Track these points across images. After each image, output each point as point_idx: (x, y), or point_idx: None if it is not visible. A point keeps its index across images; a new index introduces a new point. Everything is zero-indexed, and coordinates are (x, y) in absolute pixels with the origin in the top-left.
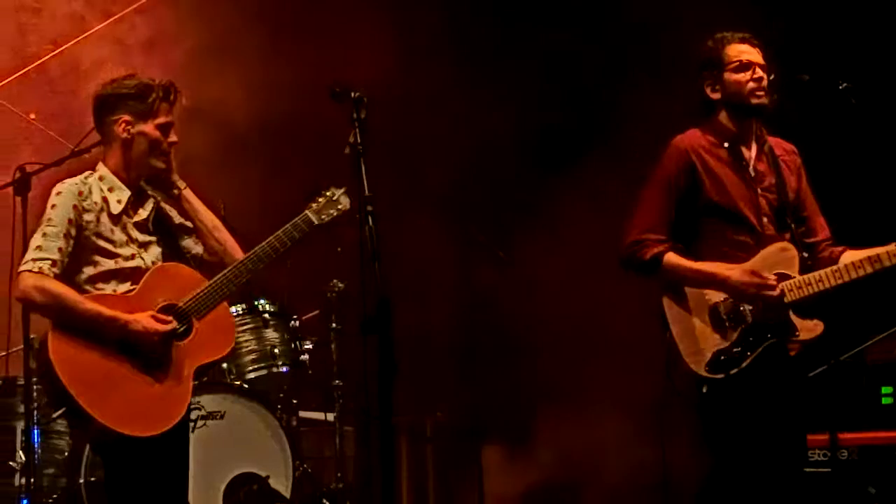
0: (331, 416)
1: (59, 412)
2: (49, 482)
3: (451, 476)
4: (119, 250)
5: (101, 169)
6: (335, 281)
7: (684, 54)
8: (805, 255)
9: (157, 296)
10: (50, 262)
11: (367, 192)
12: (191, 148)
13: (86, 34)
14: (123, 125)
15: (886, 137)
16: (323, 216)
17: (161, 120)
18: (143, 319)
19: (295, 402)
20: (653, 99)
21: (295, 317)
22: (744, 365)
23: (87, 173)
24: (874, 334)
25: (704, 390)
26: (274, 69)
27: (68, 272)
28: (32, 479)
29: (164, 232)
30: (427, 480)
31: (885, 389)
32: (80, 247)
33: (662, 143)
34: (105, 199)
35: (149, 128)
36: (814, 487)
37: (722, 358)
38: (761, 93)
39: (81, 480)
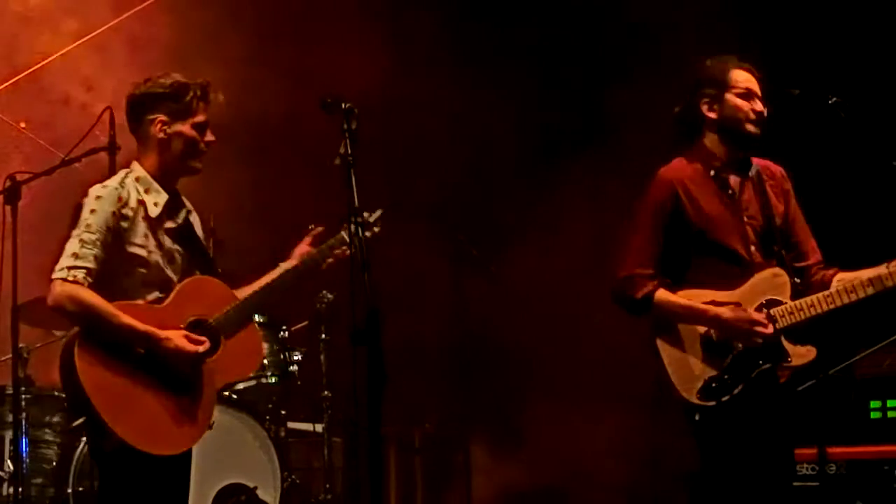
0: (319, 427)
1: (79, 421)
2: (37, 492)
3: (439, 487)
4: (151, 257)
5: (137, 169)
6: (324, 292)
7: (683, 55)
8: (797, 280)
9: (188, 309)
10: (85, 270)
11: (356, 203)
12: None
13: (77, 43)
14: (160, 125)
15: (876, 152)
16: (364, 233)
17: (198, 119)
18: (177, 338)
19: (283, 412)
20: (649, 98)
21: (284, 327)
22: (735, 392)
23: (123, 173)
24: (863, 349)
25: (697, 418)
26: (266, 75)
27: (103, 278)
28: (20, 489)
29: (192, 242)
30: (415, 491)
31: (874, 404)
32: (116, 253)
33: (661, 141)
34: (142, 203)
35: (185, 128)
36: (802, 501)
37: (713, 385)
38: (760, 119)
39: (70, 490)
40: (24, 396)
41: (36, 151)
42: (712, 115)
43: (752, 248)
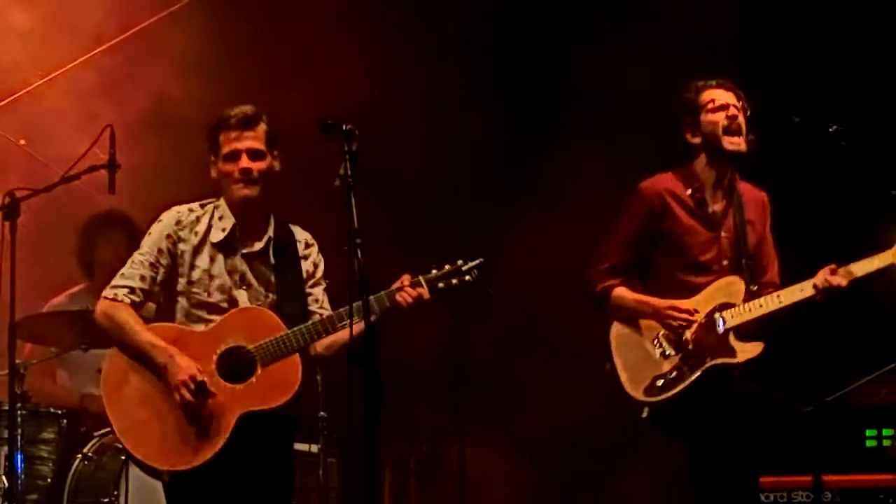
0: (315, 448)
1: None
2: None
3: None
4: (216, 280)
5: (221, 200)
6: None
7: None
8: (753, 287)
9: (230, 335)
10: (128, 289)
11: (356, 224)
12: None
13: (77, 60)
14: (211, 166)
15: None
16: (440, 283)
17: (225, 151)
18: (182, 371)
19: None
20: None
21: None
22: (682, 387)
23: (207, 200)
24: (859, 378)
25: (645, 415)
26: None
27: (167, 301)
28: None
29: (273, 267)
30: None
31: (870, 432)
32: (176, 275)
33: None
34: (210, 228)
35: (220, 164)
36: None
37: (659, 382)
38: (737, 137)
39: None
40: (20, 412)
41: (35, 168)
42: (696, 140)
43: (725, 262)
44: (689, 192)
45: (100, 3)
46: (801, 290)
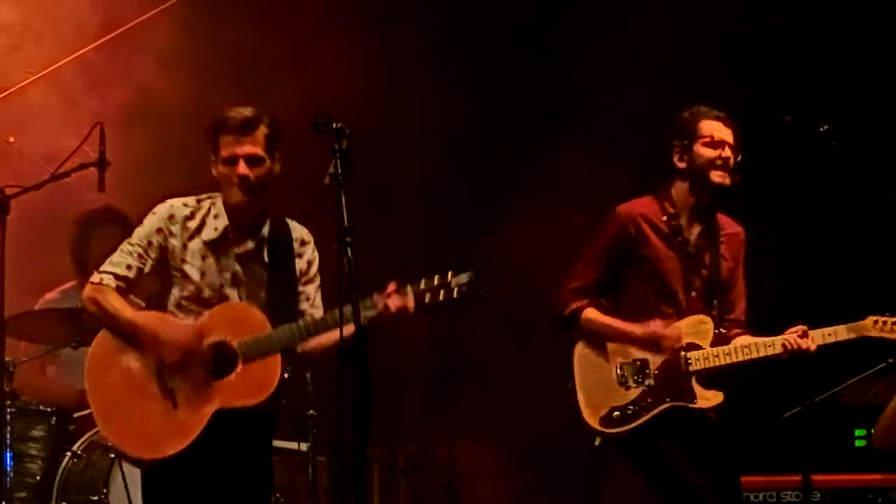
0: (304, 446)
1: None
2: None
3: None
4: (206, 278)
5: (218, 197)
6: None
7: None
8: (722, 330)
9: (215, 331)
10: (113, 275)
11: (346, 222)
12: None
13: (68, 58)
14: (211, 164)
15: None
16: (426, 295)
17: (223, 154)
18: (179, 333)
19: None
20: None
21: None
22: (634, 425)
23: (206, 195)
24: (848, 377)
25: (597, 444)
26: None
27: (160, 290)
28: (3, 503)
29: (266, 267)
30: None
31: (859, 432)
32: (167, 268)
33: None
34: (205, 224)
35: (218, 165)
36: None
37: (615, 415)
38: (724, 172)
39: None
40: (9, 410)
41: (24, 165)
42: (682, 164)
43: (693, 294)
44: (665, 218)
45: (92, 2)
46: (769, 347)
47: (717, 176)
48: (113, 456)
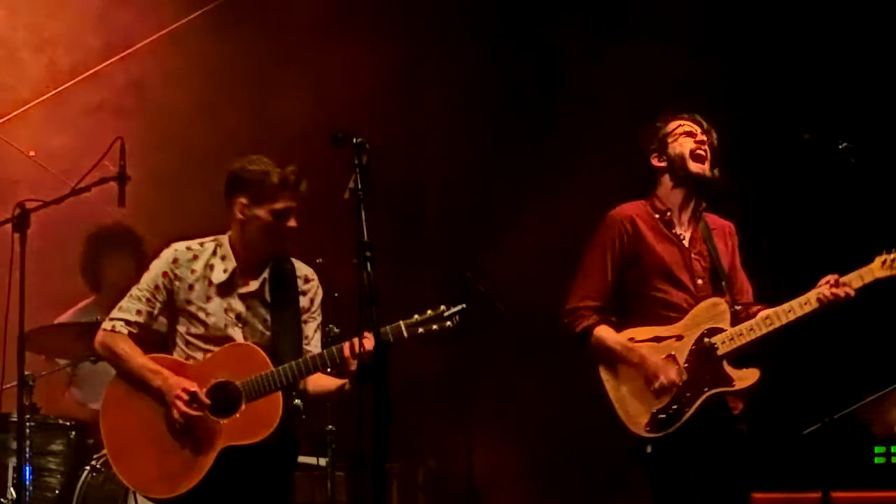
0: (323, 461)
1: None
2: None
3: None
4: (211, 318)
5: (224, 238)
6: (331, 326)
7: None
8: (737, 308)
9: (219, 371)
10: (123, 322)
11: (366, 237)
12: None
13: (89, 72)
14: (240, 206)
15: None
16: (420, 329)
17: (277, 206)
18: (182, 381)
19: None
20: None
21: None
22: (683, 420)
23: (210, 238)
24: (867, 394)
25: (649, 451)
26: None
27: (170, 328)
28: None
29: (267, 307)
30: None
31: (878, 449)
32: (175, 308)
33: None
34: (210, 267)
35: (263, 212)
36: None
37: (661, 417)
38: (702, 164)
39: None
40: (28, 424)
41: (45, 180)
42: (662, 163)
43: (700, 281)
44: (658, 216)
45: (108, 18)
46: (805, 305)
47: (695, 167)
48: None
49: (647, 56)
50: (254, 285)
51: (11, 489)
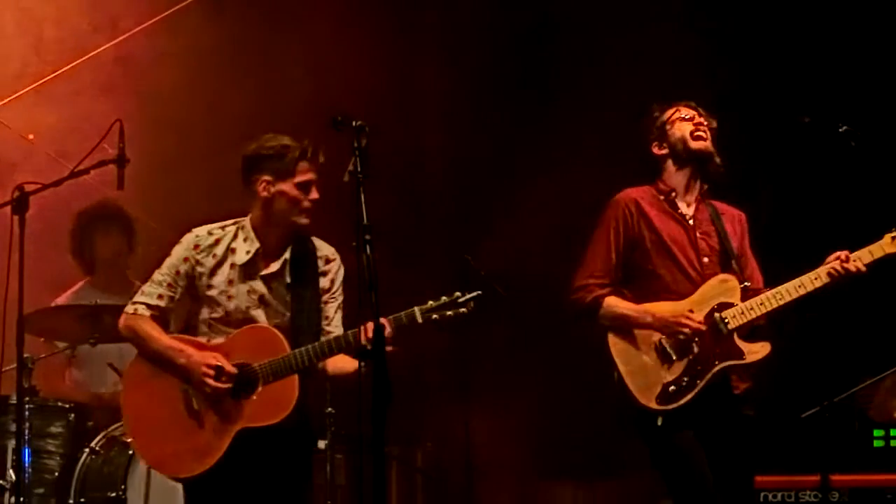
0: (323, 444)
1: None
2: (38, 502)
3: None
4: (233, 301)
5: (246, 220)
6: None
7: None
8: (747, 283)
9: (238, 354)
10: (145, 305)
11: (365, 220)
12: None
13: (88, 55)
14: (264, 185)
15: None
16: (434, 315)
17: (300, 178)
18: (206, 356)
19: None
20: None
21: None
22: (695, 393)
23: (231, 221)
24: (866, 377)
25: (660, 423)
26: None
27: (193, 312)
28: (22, 499)
29: (289, 288)
30: None
31: (877, 432)
32: (196, 292)
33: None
34: (232, 250)
35: (288, 186)
36: None
37: (671, 389)
38: (702, 136)
39: (71, 501)
40: (27, 406)
41: (44, 163)
42: (663, 150)
43: (706, 259)
44: (662, 197)
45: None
46: (815, 280)
47: (697, 143)
48: (131, 452)
49: (649, 38)
50: (275, 266)
51: (11, 471)
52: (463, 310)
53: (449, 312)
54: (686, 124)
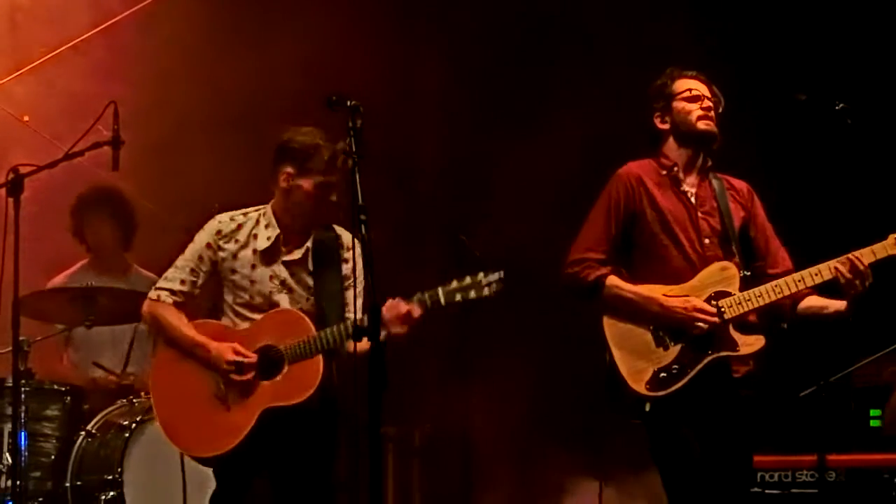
0: None
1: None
2: (35, 485)
3: (437, 489)
4: (256, 286)
5: (267, 207)
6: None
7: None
8: (747, 273)
9: (265, 336)
10: (168, 291)
11: (360, 200)
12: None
13: (81, 37)
14: (286, 176)
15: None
16: (457, 296)
17: (322, 180)
18: (223, 351)
19: None
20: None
21: None
22: (684, 381)
23: (255, 208)
24: (863, 357)
25: (648, 409)
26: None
27: (215, 298)
28: (18, 482)
29: (311, 274)
30: (413, 493)
31: (874, 412)
32: (220, 277)
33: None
34: (255, 236)
35: (307, 184)
36: None
37: (662, 375)
38: (709, 120)
39: (67, 484)
40: (23, 389)
41: (39, 144)
42: (665, 126)
43: (707, 241)
44: (664, 172)
45: None
46: (816, 276)
47: (703, 124)
48: (127, 435)
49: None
50: (297, 254)
51: (7, 454)
52: (486, 291)
53: (472, 294)
54: (693, 107)
